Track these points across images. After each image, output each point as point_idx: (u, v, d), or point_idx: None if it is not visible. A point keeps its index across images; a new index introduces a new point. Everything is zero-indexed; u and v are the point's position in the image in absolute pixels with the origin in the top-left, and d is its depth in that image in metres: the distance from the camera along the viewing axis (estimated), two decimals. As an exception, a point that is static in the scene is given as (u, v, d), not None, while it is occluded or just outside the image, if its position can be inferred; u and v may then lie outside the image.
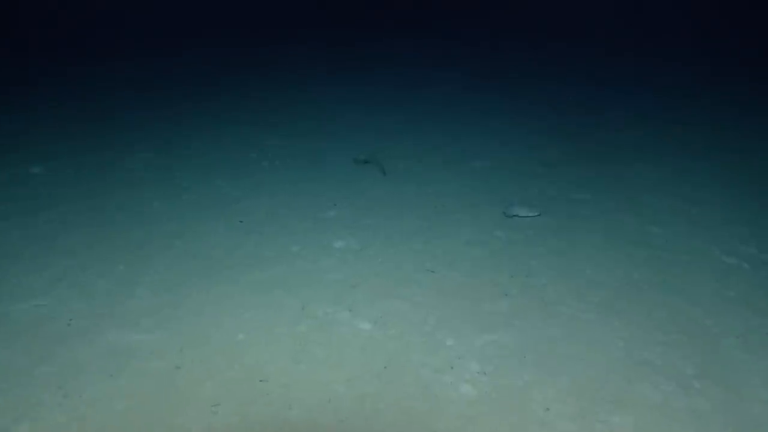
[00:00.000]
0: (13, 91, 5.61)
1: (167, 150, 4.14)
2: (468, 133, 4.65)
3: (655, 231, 3.07)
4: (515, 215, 3.19)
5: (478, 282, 2.58)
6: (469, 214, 3.24)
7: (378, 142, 4.41)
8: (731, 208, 3.36)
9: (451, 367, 2.04)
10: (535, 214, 3.19)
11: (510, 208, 3.23)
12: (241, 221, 3.10)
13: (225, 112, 5.10)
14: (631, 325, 2.29)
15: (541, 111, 5.29)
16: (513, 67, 7.05)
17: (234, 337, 2.18)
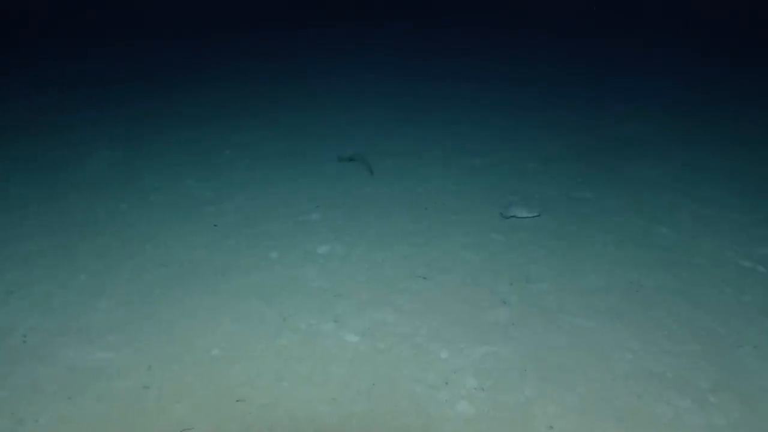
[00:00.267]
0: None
1: (134, 148, 4.09)
2: (463, 126, 4.64)
3: (662, 231, 3.07)
4: (513, 216, 3.18)
5: (474, 289, 2.56)
6: (463, 215, 3.22)
7: (365, 137, 4.39)
8: (744, 206, 3.37)
9: (446, 383, 2.02)
10: (535, 214, 3.18)
11: (507, 209, 3.22)
12: (215, 225, 3.08)
13: (197, 107, 5.06)
14: (639, 335, 2.28)
15: (540, 104, 5.29)
16: (511, 60, 7.06)
17: (208, 352, 2.15)
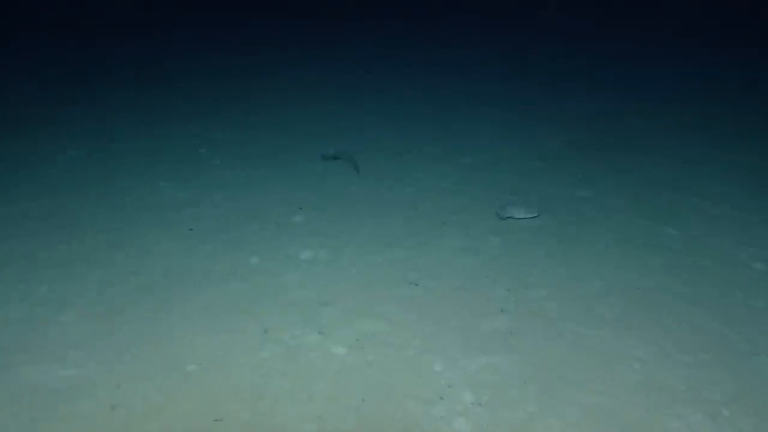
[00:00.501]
0: None
1: (102, 147, 4.06)
2: (457, 122, 4.65)
3: (670, 233, 3.08)
4: (510, 216, 3.18)
5: (469, 296, 2.56)
6: (457, 216, 3.22)
7: (351, 134, 4.38)
8: (757, 205, 3.39)
9: (441, 398, 2.01)
10: (534, 215, 3.19)
11: (504, 209, 3.22)
12: (190, 229, 3.07)
13: (171, 102, 5.03)
14: (646, 343, 2.28)
15: (539, 97, 5.31)
16: (509, 54, 7.08)
17: (183, 368, 2.13)
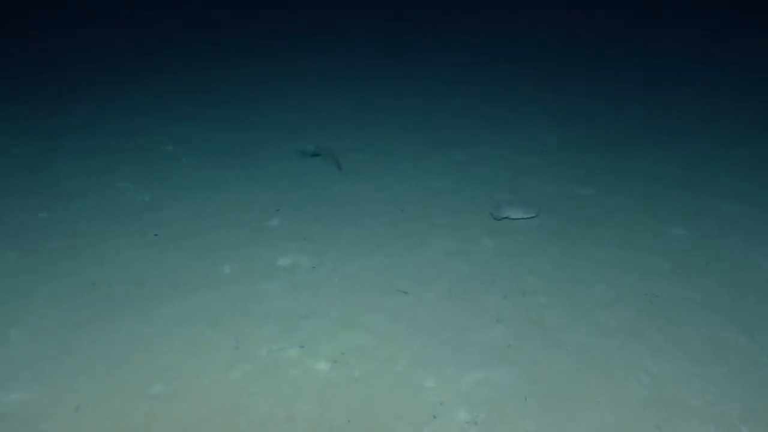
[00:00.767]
0: None
1: (53, 146, 4.03)
2: (446, 116, 4.66)
3: (678, 233, 3.10)
4: (506, 217, 3.19)
5: (462, 304, 2.55)
6: (448, 218, 3.22)
7: (332, 129, 4.37)
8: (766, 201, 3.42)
9: (434, 417, 2.00)
10: (531, 215, 3.19)
11: (499, 209, 3.22)
12: (155, 235, 3.05)
13: (132, 95, 4.99)
14: (657, 355, 2.27)
15: (538, 90, 5.33)
16: (505, 45, 7.11)
17: (147, 389, 2.10)
